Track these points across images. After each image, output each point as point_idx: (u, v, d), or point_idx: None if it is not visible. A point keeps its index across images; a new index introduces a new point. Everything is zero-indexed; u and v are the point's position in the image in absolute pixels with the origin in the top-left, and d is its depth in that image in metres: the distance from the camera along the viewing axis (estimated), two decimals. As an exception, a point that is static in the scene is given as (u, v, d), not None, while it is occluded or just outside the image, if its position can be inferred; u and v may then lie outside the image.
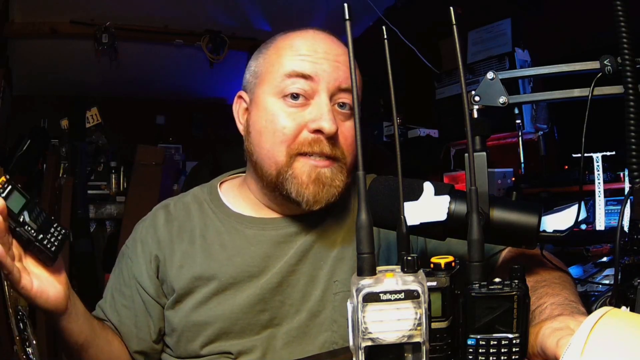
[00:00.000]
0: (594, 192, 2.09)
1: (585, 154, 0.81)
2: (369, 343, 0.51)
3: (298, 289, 0.91)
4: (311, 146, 0.86)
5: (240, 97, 0.97)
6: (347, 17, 0.56)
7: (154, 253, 0.95)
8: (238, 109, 0.98)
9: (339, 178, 0.88)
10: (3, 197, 0.67)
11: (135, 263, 0.96)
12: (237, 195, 1.00)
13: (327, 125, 0.85)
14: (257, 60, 0.94)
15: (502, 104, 0.79)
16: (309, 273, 0.91)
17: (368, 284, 0.51)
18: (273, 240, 0.93)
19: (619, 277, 0.69)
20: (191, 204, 1.00)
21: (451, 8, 0.62)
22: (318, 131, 0.86)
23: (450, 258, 0.59)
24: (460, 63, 0.60)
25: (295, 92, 0.87)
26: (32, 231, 0.71)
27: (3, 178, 0.68)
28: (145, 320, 0.94)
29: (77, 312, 0.82)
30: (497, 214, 0.70)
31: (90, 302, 0.94)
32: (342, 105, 0.89)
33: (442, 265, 0.58)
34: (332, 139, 0.86)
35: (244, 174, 1.02)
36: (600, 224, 2.07)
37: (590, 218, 2.11)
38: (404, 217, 0.62)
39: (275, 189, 0.90)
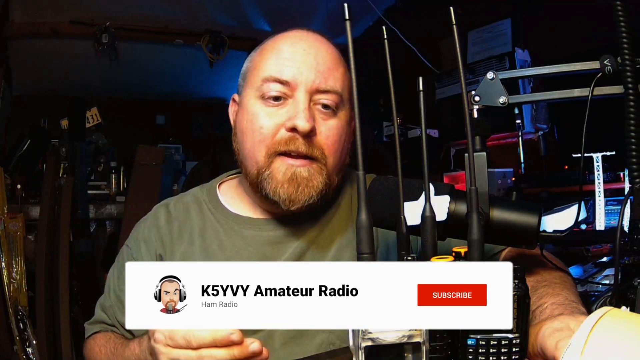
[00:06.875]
0: (594, 192, 2.09)
1: (585, 154, 0.81)
2: (369, 343, 0.51)
3: None
4: (287, 145, 0.87)
5: (234, 99, 1.00)
6: (347, 17, 0.56)
7: (158, 252, 0.95)
8: (232, 111, 1.00)
9: (317, 179, 0.88)
10: None
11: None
12: (234, 196, 1.01)
13: (301, 123, 0.85)
14: (246, 64, 0.97)
15: (502, 104, 0.79)
16: None
17: (368, 284, 0.51)
18: (270, 240, 0.94)
19: (619, 277, 0.69)
20: (191, 204, 1.00)
21: (451, 8, 0.62)
22: (293, 129, 0.86)
23: (450, 258, 0.59)
24: (460, 63, 0.60)
25: (274, 95, 0.89)
26: None
27: None
28: None
29: None
30: (497, 214, 0.70)
31: (90, 302, 0.94)
32: (325, 106, 0.90)
33: (442, 265, 0.58)
34: (308, 137, 0.87)
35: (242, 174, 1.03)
36: (600, 224, 2.07)
37: (590, 218, 2.11)
38: (404, 217, 0.62)
39: (256, 189, 0.91)
